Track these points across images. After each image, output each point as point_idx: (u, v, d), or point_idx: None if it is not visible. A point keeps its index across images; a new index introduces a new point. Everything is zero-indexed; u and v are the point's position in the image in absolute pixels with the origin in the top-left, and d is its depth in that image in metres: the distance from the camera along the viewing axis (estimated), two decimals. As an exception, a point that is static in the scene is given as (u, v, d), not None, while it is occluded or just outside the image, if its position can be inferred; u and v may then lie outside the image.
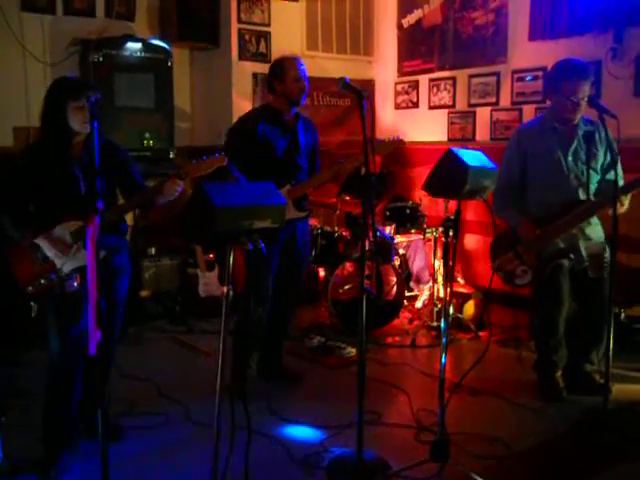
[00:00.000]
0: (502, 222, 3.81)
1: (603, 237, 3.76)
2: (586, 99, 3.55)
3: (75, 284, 2.96)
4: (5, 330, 4.41)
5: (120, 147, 3.24)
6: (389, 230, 5.28)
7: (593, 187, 3.71)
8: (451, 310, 3.75)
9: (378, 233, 4.91)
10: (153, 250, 5.51)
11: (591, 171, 3.68)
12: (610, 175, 3.62)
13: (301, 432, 3.42)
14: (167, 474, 3.02)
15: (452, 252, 2.89)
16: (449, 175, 2.74)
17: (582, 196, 3.69)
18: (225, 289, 2.34)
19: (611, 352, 3.30)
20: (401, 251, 5.52)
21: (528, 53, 5.52)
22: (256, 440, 3.00)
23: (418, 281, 5.88)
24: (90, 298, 2.23)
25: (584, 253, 3.67)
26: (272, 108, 3.89)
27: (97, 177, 2.68)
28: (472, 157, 2.73)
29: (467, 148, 5.63)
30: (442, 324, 3.03)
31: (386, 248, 4.98)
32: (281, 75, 3.79)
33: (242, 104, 5.76)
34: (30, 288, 2.90)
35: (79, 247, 2.87)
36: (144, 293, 5.35)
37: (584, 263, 3.68)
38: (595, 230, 3.74)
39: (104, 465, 2.24)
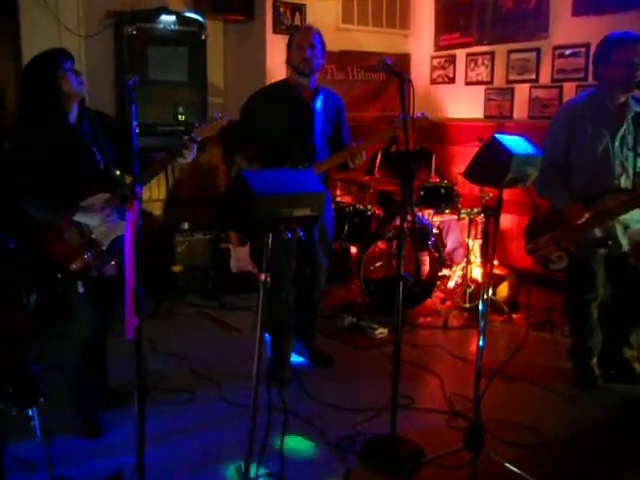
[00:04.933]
0: (543, 202, 3.62)
1: (642, 222, 3.63)
2: None
3: (112, 263, 2.98)
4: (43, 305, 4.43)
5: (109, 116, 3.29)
6: (427, 215, 5.20)
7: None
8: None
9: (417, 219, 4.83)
10: (186, 225, 5.52)
11: (638, 157, 3.50)
12: None
13: (334, 415, 3.41)
14: (200, 452, 3.04)
15: (492, 241, 2.82)
16: (491, 163, 2.67)
17: (624, 184, 3.54)
18: (262, 277, 2.32)
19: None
20: (435, 230, 5.45)
21: (571, 29, 5.34)
22: (289, 422, 3.02)
23: (451, 261, 5.82)
24: (127, 283, 2.23)
25: (623, 240, 3.57)
26: (287, 84, 3.80)
27: (135, 159, 2.67)
28: (516, 144, 2.65)
29: (504, 126, 5.55)
30: (480, 307, 2.96)
31: (424, 235, 4.91)
32: (289, 43, 3.74)
33: (276, 78, 5.67)
34: (74, 265, 2.90)
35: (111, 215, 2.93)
36: (176, 268, 5.37)
37: (622, 249, 3.58)
38: (633, 215, 3.56)
39: (140, 440, 2.27)
